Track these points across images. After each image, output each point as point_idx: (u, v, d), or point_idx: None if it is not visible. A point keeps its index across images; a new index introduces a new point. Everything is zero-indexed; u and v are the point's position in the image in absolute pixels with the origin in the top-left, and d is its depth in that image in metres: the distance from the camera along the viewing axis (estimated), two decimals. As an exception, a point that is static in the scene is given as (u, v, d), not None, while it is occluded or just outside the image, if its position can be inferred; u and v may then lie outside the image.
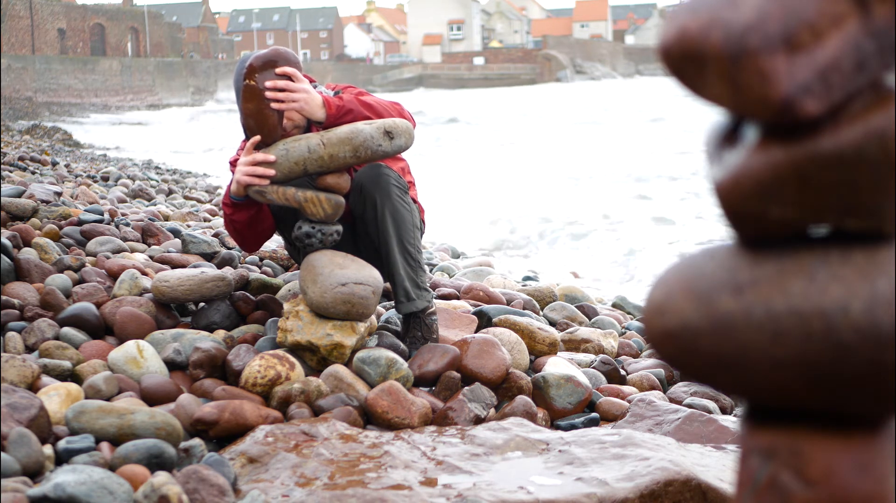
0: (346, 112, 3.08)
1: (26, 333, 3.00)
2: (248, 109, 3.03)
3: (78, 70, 55.01)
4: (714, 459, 2.60)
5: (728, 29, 0.72)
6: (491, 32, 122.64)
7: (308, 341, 2.96)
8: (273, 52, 3.08)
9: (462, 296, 4.00)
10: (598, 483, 2.30)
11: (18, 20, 56.58)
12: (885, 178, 0.74)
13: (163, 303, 3.28)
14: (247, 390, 2.81)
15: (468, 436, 2.65)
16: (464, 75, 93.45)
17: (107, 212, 4.57)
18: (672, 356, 0.83)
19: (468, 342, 3.13)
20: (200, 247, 3.99)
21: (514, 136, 24.84)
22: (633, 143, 20.85)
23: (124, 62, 59.13)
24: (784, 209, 0.77)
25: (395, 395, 2.81)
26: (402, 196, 3.18)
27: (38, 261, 3.42)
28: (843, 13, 0.72)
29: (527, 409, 2.95)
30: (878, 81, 0.75)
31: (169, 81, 61.96)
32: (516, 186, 13.10)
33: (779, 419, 0.81)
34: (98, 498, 1.96)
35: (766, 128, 0.77)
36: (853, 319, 0.74)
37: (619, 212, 10.14)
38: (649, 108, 34.78)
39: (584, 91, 64.39)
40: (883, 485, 0.78)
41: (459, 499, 2.19)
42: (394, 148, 3.05)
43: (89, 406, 2.40)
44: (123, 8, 68.89)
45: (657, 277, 0.86)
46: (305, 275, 3.04)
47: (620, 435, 2.63)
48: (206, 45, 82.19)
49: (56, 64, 53.85)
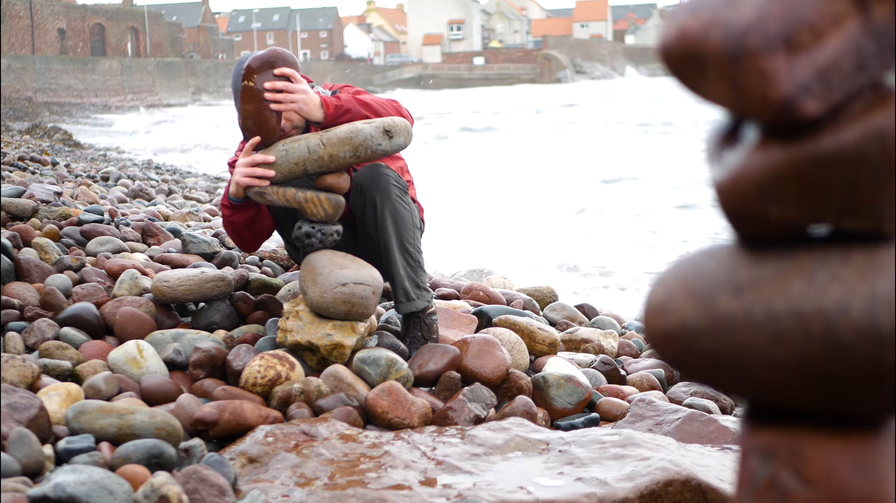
0: (345, 112, 3.08)
1: (26, 333, 3.00)
2: (246, 111, 3.03)
3: (78, 70, 55.00)
4: (714, 459, 2.60)
5: (728, 29, 0.72)
6: (491, 32, 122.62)
7: (308, 341, 2.96)
8: (271, 53, 3.08)
9: (462, 296, 4.00)
10: (598, 483, 2.30)
11: (18, 20, 56.60)
12: (885, 178, 0.74)
13: (163, 303, 3.28)
14: (247, 390, 2.81)
15: (468, 436, 2.65)
16: (464, 75, 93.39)
17: (107, 212, 4.56)
18: (672, 356, 0.83)
19: (468, 342, 3.13)
20: (200, 247, 3.99)
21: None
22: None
23: (124, 62, 59.13)
24: (784, 209, 0.77)
25: (395, 395, 2.81)
26: (402, 196, 3.18)
27: (38, 261, 3.41)
28: (843, 13, 0.72)
29: (527, 409, 2.95)
30: (878, 81, 0.75)
31: (169, 81, 61.95)
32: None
33: (779, 419, 0.81)
34: (98, 498, 1.96)
35: (766, 128, 0.77)
36: (853, 319, 0.74)
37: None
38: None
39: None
40: (883, 485, 0.78)
41: (459, 499, 2.19)
42: (393, 146, 3.04)
43: (89, 406, 2.40)
44: (123, 8, 68.88)
45: (657, 277, 0.86)
46: (305, 275, 3.04)
47: (620, 435, 2.63)
48: (206, 45, 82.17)
49: (56, 64, 53.84)
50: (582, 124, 27.98)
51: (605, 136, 22.87)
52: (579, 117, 30.99)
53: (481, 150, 20.74)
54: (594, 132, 24.54)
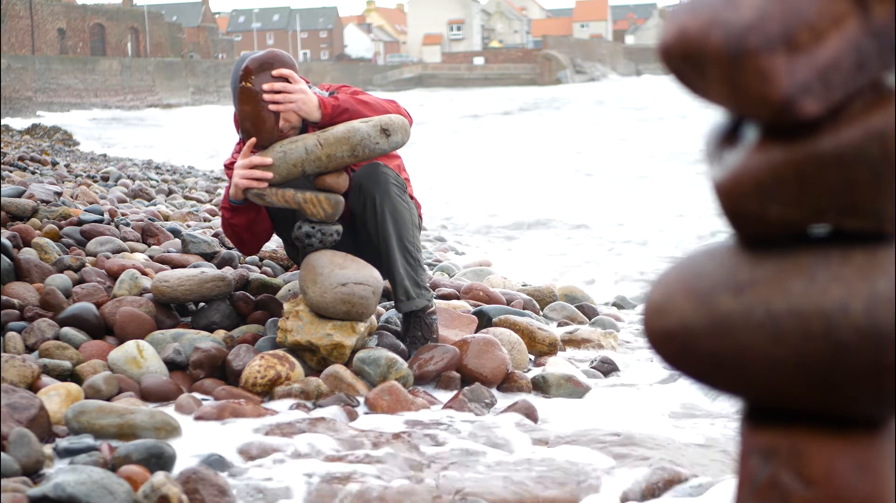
0: (342, 111, 3.08)
1: (26, 333, 3.00)
2: (244, 112, 3.03)
3: (78, 70, 55.03)
4: (714, 459, 2.60)
5: (728, 29, 0.72)
6: (491, 32, 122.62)
7: (308, 341, 2.96)
8: (269, 55, 3.08)
9: (462, 296, 3.99)
10: (598, 483, 2.30)
11: (18, 20, 56.61)
12: (885, 178, 0.74)
13: (163, 304, 3.28)
14: (247, 390, 2.81)
15: (468, 436, 2.64)
16: (464, 75, 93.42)
17: (107, 212, 4.56)
18: (671, 356, 0.83)
19: (468, 342, 3.13)
20: (200, 247, 3.99)
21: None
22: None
23: (124, 62, 59.15)
24: (784, 209, 0.77)
25: (395, 395, 2.81)
26: (401, 194, 3.18)
27: (38, 262, 3.41)
28: (843, 13, 0.72)
29: (527, 410, 2.95)
30: (878, 81, 0.75)
31: (169, 81, 61.97)
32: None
33: (779, 419, 0.81)
34: (98, 498, 1.96)
35: (766, 128, 0.77)
36: (853, 319, 0.74)
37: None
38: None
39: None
40: (883, 485, 0.78)
41: (459, 499, 2.18)
42: (391, 145, 3.04)
43: (89, 406, 2.40)
44: (123, 8, 68.93)
45: (657, 277, 0.86)
46: (305, 275, 3.04)
47: (620, 435, 2.63)
48: (206, 45, 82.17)
49: (56, 64, 53.87)
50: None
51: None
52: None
53: (479, 151, 20.68)
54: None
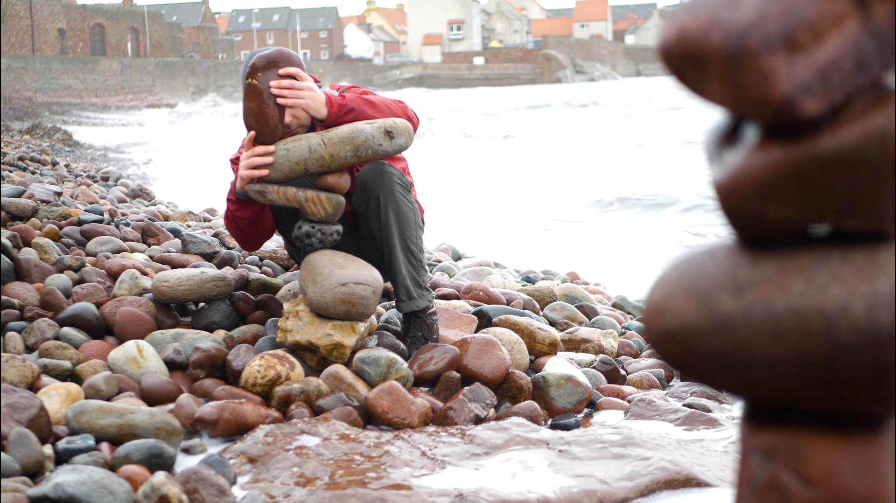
0: (348, 111, 3.09)
1: (26, 333, 3.00)
2: (249, 108, 3.04)
3: (78, 70, 55.02)
4: (714, 459, 2.60)
5: (728, 29, 0.72)
6: (491, 32, 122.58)
7: (308, 341, 2.96)
8: (276, 53, 3.08)
9: (462, 296, 3.99)
10: (597, 483, 2.30)
11: (18, 20, 56.59)
12: (885, 178, 0.74)
13: (163, 304, 3.28)
14: (247, 390, 2.81)
15: (468, 436, 2.65)
16: (464, 75, 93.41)
17: (107, 212, 4.57)
18: (672, 356, 0.83)
19: (468, 342, 3.13)
20: (200, 247, 3.99)
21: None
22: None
23: (124, 62, 59.15)
24: (784, 209, 0.77)
25: (395, 395, 2.81)
26: (405, 194, 3.18)
27: (38, 262, 3.41)
28: (843, 13, 0.72)
29: (531, 411, 2.95)
30: (878, 81, 0.75)
31: (169, 81, 61.96)
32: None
33: (779, 419, 0.81)
34: (98, 498, 1.96)
35: (766, 128, 0.77)
36: (853, 319, 0.74)
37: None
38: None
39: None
40: (883, 485, 0.78)
41: (459, 499, 2.18)
42: (394, 147, 3.05)
43: (89, 406, 2.40)
44: (123, 8, 68.89)
45: (657, 277, 0.86)
46: (305, 276, 3.04)
47: (620, 435, 2.63)
48: (206, 45, 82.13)
49: (56, 64, 53.86)
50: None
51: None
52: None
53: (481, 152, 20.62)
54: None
